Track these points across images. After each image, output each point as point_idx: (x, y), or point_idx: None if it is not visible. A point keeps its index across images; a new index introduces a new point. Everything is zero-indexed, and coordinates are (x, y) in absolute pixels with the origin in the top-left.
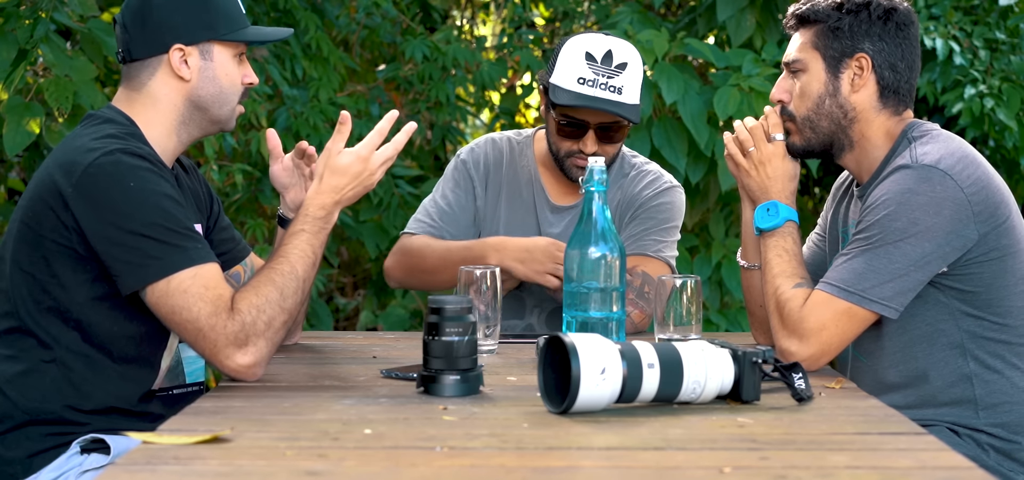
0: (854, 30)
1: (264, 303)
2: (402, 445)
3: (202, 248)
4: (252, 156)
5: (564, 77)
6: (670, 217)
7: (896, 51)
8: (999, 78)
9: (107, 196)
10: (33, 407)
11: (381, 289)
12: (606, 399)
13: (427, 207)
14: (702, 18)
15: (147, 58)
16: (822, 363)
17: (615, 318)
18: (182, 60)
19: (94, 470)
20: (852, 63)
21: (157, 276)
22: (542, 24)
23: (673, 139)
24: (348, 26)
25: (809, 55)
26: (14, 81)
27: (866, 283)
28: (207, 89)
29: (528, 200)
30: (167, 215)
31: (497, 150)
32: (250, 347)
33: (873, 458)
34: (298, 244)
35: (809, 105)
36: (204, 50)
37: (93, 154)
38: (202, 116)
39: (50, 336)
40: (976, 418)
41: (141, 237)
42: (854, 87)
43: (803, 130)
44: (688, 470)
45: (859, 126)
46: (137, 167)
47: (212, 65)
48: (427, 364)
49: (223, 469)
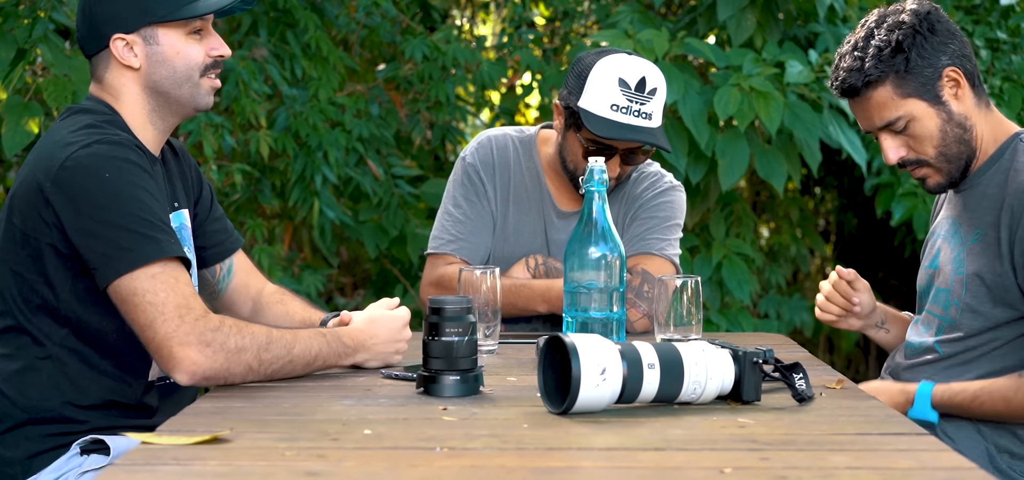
0: (923, 56)
1: (246, 334)
2: (402, 445)
3: (173, 241)
4: (251, 156)
5: (596, 103)
6: (672, 216)
7: (956, 43)
8: (1000, 78)
9: (84, 189)
10: (32, 405)
11: (381, 289)
12: (606, 399)
13: (444, 222)
14: (702, 18)
15: (97, 53)
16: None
17: (615, 318)
18: (127, 49)
19: (94, 470)
20: (945, 82)
21: (130, 267)
22: (542, 24)
23: (673, 139)
24: (348, 25)
25: (905, 105)
26: (13, 81)
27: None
28: (160, 73)
29: (535, 203)
30: (142, 206)
31: (502, 148)
32: (210, 351)
33: (874, 458)
34: (311, 340)
35: (936, 143)
36: (147, 35)
37: (70, 148)
38: (167, 100)
39: (43, 333)
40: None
41: (116, 228)
42: (958, 98)
43: (940, 166)
44: (688, 470)
45: (978, 129)
46: (113, 158)
47: (159, 49)
48: (427, 364)
49: (223, 469)
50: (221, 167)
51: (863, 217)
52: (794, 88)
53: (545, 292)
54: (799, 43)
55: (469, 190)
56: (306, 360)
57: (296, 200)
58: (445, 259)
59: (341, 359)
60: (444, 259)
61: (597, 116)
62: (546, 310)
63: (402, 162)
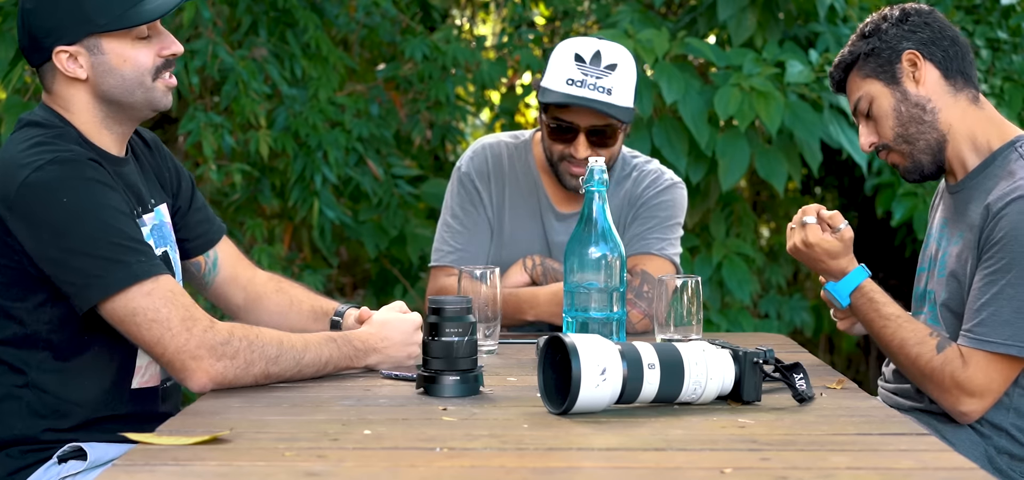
0: (886, 41)
1: (256, 347)
2: (402, 446)
3: (146, 261)
4: (251, 156)
5: (553, 79)
6: (673, 215)
7: (933, 36)
8: (1001, 78)
9: (43, 216)
10: (13, 434)
11: (380, 289)
12: (606, 400)
13: (443, 234)
14: (703, 17)
15: (41, 65)
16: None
17: (615, 318)
18: (71, 60)
19: (72, 476)
20: (904, 64)
21: (102, 294)
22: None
23: (673, 139)
24: (347, 25)
25: (866, 87)
26: (12, 80)
27: (1022, 334)
28: (108, 82)
29: (532, 206)
30: (107, 227)
31: (496, 155)
32: (220, 365)
33: (874, 459)
34: (322, 347)
35: (891, 123)
36: (90, 45)
37: (24, 171)
38: (120, 107)
39: (20, 360)
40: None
41: (81, 255)
42: (917, 81)
43: (901, 149)
44: (688, 471)
45: (943, 115)
46: (69, 178)
47: (105, 58)
48: (427, 364)
49: (223, 469)
50: (221, 167)
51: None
52: (794, 88)
53: (551, 298)
54: (799, 43)
55: (465, 199)
56: (317, 367)
57: (296, 200)
58: (446, 271)
59: (352, 363)
60: (445, 271)
61: (551, 90)
62: (549, 316)
63: (402, 162)
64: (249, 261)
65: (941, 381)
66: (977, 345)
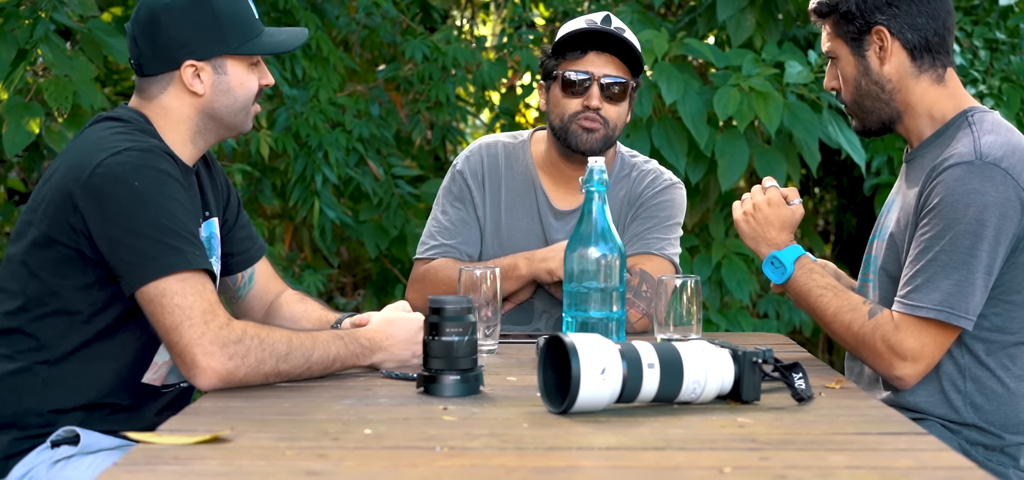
0: (863, 7)
1: (267, 345)
2: (402, 445)
3: (200, 254)
4: (252, 156)
5: (566, 33)
6: (672, 214)
7: (912, 9)
8: (999, 78)
9: (113, 196)
10: (21, 409)
11: (381, 289)
12: (606, 399)
13: (431, 228)
14: (702, 18)
15: (158, 73)
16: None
17: (615, 318)
18: (195, 75)
19: (65, 459)
20: (872, 38)
21: (153, 276)
22: (542, 24)
23: (673, 139)
24: (348, 26)
25: (835, 43)
26: (14, 81)
27: (953, 301)
28: (221, 101)
29: (530, 205)
30: (171, 216)
31: (492, 155)
32: (231, 363)
33: (873, 458)
34: (329, 344)
35: (850, 90)
36: (217, 64)
37: (102, 154)
38: (217, 124)
39: (50, 337)
40: (958, 414)
41: (142, 237)
42: (882, 60)
43: (855, 113)
44: (688, 470)
45: (901, 95)
46: (144, 166)
47: (226, 78)
48: (427, 364)
49: (223, 469)
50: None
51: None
52: (793, 88)
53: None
54: (798, 43)
55: (455, 197)
56: (325, 364)
57: (296, 200)
58: (426, 263)
59: (359, 360)
60: (425, 263)
61: (567, 36)
62: (527, 270)
63: (402, 162)
64: (281, 280)
65: (874, 345)
66: (909, 310)
